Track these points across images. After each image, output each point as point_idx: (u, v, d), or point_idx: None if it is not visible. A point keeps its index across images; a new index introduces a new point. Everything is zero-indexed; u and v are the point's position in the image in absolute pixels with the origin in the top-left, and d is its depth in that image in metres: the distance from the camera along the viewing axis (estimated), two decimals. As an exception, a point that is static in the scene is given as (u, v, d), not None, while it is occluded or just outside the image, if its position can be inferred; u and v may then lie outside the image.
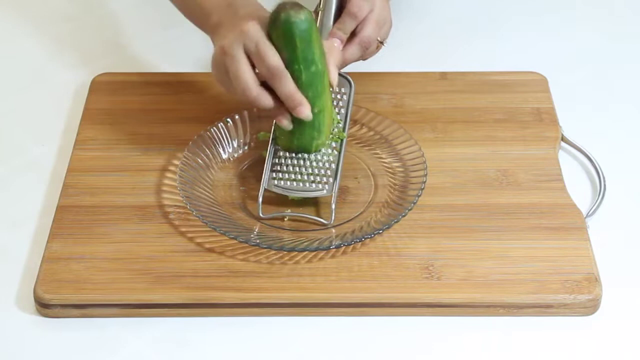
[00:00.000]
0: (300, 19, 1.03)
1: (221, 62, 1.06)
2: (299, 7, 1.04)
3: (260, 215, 1.10)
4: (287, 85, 1.05)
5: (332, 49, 1.10)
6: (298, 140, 1.10)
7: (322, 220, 1.10)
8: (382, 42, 1.15)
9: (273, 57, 1.04)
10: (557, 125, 1.21)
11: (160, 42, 1.36)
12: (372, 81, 1.26)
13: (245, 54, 1.05)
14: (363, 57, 1.15)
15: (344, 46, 1.13)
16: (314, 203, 1.11)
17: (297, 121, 1.07)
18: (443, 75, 1.28)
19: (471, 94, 1.25)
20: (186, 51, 1.34)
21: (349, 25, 1.12)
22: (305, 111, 1.06)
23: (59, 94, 1.28)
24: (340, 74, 1.13)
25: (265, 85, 1.06)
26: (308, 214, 1.10)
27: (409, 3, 1.41)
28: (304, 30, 1.04)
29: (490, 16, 1.41)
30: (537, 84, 1.27)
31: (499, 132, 1.20)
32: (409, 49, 1.34)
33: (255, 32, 1.04)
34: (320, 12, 1.13)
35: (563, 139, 1.20)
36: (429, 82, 1.27)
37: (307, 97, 1.06)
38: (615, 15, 1.42)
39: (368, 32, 1.13)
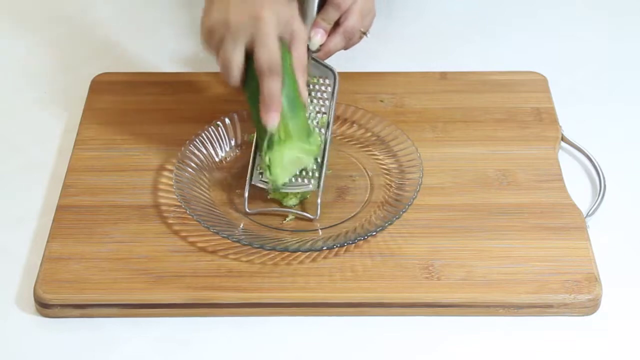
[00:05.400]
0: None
1: (219, 34, 1.06)
2: None
3: (247, 210, 1.10)
4: (277, 86, 1.05)
5: (300, 63, 1.08)
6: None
7: (308, 214, 1.10)
8: (365, 33, 1.15)
9: (277, 54, 1.04)
10: (557, 125, 1.21)
11: (160, 42, 1.36)
12: (372, 81, 1.26)
13: (244, 42, 1.05)
14: (346, 47, 1.15)
15: (328, 36, 1.13)
16: (305, 200, 1.12)
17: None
18: (443, 75, 1.28)
19: (471, 94, 1.25)
20: (186, 51, 1.34)
21: (332, 15, 1.12)
22: (276, 119, 1.06)
23: (59, 94, 1.28)
24: (324, 65, 1.13)
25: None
26: (298, 210, 1.10)
27: (410, 3, 1.41)
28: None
29: (491, 16, 1.41)
30: (537, 84, 1.27)
31: (499, 132, 1.20)
32: (409, 48, 1.34)
33: (270, 24, 1.04)
34: (304, 1, 1.13)
35: (563, 139, 1.20)
36: (429, 82, 1.27)
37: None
38: (615, 15, 1.42)
39: (352, 22, 1.13)
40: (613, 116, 1.26)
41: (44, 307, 1.03)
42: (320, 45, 1.13)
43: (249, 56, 1.06)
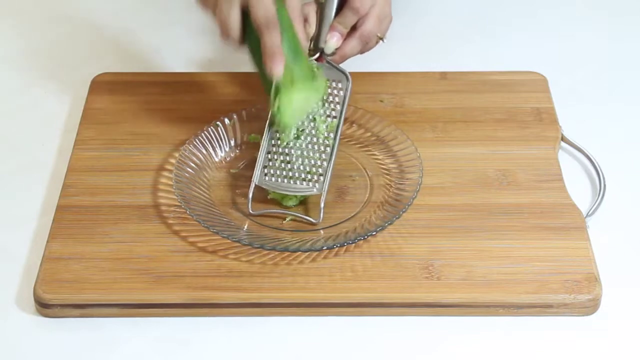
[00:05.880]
0: None
1: None
2: None
3: (250, 211, 1.10)
4: (276, 38, 1.05)
5: (295, 11, 1.08)
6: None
7: (310, 219, 1.10)
8: (381, 38, 1.15)
9: (272, 7, 1.05)
10: (557, 125, 1.21)
11: (160, 42, 1.36)
12: (372, 81, 1.26)
13: (239, 0, 1.06)
14: (362, 51, 1.15)
15: (344, 40, 1.13)
16: (307, 202, 1.12)
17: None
18: (443, 75, 1.28)
19: (471, 94, 1.25)
20: (186, 51, 1.34)
21: (350, 19, 1.12)
22: (280, 68, 1.06)
23: (59, 94, 1.28)
24: (338, 68, 1.13)
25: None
26: (300, 212, 1.11)
27: (409, 2, 1.41)
28: None
29: (491, 16, 1.41)
30: (537, 84, 1.27)
31: (499, 132, 1.20)
32: (408, 48, 1.34)
33: None
34: (322, 3, 1.13)
35: (563, 139, 1.20)
36: (429, 82, 1.27)
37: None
38: (615, 15, 1.42)
39: (369, 27, 1.13)
40: (613, 116, 1.26)
41: (44, 307, 1.03)
42: (336, 49, 1.13)
43: (245, 13, 1.07)
